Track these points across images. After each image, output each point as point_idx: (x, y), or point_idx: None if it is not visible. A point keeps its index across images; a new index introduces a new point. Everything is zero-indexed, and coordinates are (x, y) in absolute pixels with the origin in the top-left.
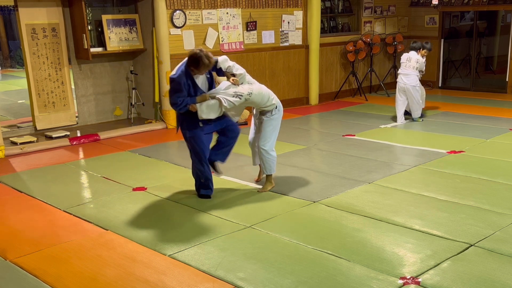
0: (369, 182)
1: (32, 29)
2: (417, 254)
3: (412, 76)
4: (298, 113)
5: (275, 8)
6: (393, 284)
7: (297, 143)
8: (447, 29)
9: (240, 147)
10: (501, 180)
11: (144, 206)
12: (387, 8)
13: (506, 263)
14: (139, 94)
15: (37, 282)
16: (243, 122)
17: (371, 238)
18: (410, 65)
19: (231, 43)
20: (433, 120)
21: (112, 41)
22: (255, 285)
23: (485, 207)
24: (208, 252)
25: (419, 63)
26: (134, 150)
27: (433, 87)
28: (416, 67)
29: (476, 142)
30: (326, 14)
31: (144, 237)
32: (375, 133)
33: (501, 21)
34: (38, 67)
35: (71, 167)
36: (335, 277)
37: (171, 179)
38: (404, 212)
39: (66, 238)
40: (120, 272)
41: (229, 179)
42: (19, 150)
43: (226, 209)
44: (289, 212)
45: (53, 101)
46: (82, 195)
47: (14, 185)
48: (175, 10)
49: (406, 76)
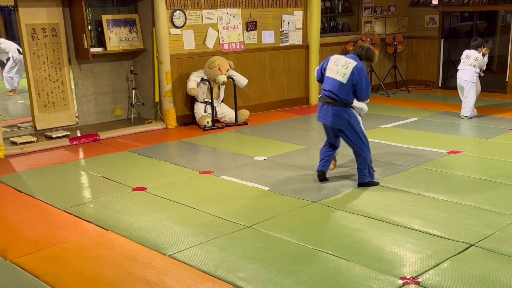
0: None
1: (32, 29)
2: (417, 254)
3: (467, 72)
4: (298, 113)
5: (275, 8)
6: (393, 284)
7: (297, 143)
8: (447, 29)
9: (240, 147)
10: (501, 180)
11: (144, 206)
12: (387, 8)
13: (506, 263)
14: (139, 94)
15: (37, 282)
16: (243, 122)
17: (371, 238)
18: (468, 61)
19: (231, 43)
20: (433, 120)
21: (112, 41)
22: (255, 285)
23: (485, 207)
24: (208, 252)
25: (477, 61)
26: (134, 150)
27: (433, 87)
28: (474, 64)
29: (476, 142)
30: (326, 14)
31: (144, 237)
32: (375, 133)
33: (501, 21)
34: (38, 67)
35: (71, 167)
36: (335, 277)
37: (171, 179)
38: (404, 212)
39: (66, 238)
40: (120, 272)
41: (229, 179)
42: (19, 150)
43: (226, 209)
44: (289, 212)
45: (53, 101)
46: (82, 195)
47: (14, 185)
48: (175, 10)
49: (462, 71)
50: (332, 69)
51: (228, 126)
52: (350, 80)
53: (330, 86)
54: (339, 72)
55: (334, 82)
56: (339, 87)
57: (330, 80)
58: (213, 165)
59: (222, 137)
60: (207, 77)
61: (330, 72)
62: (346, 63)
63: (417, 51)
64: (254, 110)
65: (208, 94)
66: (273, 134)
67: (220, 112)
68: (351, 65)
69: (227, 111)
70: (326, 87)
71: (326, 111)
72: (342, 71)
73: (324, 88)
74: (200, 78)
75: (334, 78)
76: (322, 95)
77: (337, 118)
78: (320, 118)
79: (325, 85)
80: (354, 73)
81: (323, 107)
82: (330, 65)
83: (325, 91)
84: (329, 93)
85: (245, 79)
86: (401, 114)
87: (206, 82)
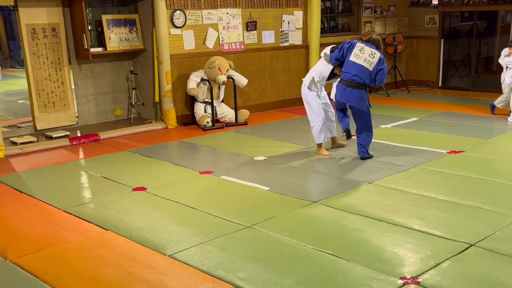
0: (369, 182)
1: (32, 29)
2: (417, 254)
3: None
4: (298, 113)
5: (275, 8)
6: (393, 284)
7: (297, 143)
8: (447, 29)
9: (240, 147)
10: (501, 180)
11: (144, 206)
12: (387, 8)
13: (506, 263)
14: (139, 94)
15: (37, 282)
16: (243, 122)
17: (371, 238)
18: None
19: (231, 43)
20: (433, 120)
21: (112, 41)
22: (255, 285)
23: (485, 207)
24: (208, 252)
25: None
26: (134, 150)
27: (433, 87)
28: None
29: (476, 142)
30: (326, 14)
31: (144, 237)
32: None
33: (501, 21)
34: (38, 67)
35: (71, 167)
36: (335, 277)
37: (171, 179)
38: (404, 212)
39: (66, 238)
40: (120, 272)
41: (229, 179)
42: (19, 150)
43: (226, 209)
44: (289, 212)
45: (53, 101)
46: (82, 195)
47: (14, 185)
48: (175, 10)
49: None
50: (360, 57)
51: (228, 126)
52: (375, 68)
53: (358, 71)
54: (366, 60)
55: (362, 69)
56: (366, 73)
57: (359, 66)
58: (213, 165)
59: (222, 137)
60: (207, 77)
61: (357, 59)
62: (372, 53)
63: (417, 51)
64: (254, 110)
65: (208, 94)
66: (273, 134)
67: (220, 112)
68: (377, 56)
69: (227, 111)
70: (352, 71)
71: (350, 93)
72: (369, 60)
73: (350, 72)
74: (200, 78)
75: (362, 65)
76: (346, 78)
77: (361, 100)
78: (343, 99)
79: (351, 69)
80: (380, 62)
81: (346, 89)
82: (355, 52)
83: (350, 74)
84: (355, 77)
85: (245, 79)
86: (401, 114)
87: (206, 82)
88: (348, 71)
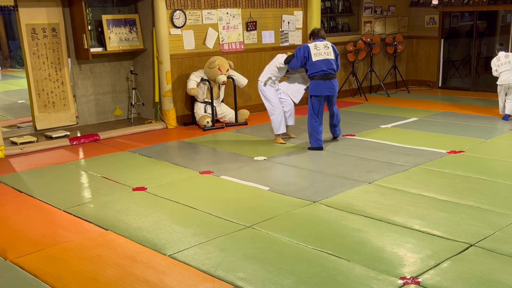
0: (369, 182)
1: (32, 29)
2: (417, 254)
3: None
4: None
5: (275, 8)
6: (393, 284)
7: (297, 143)
8: (447, 29)
9: (240, 147)
10: (501, 180)
11: (144, 206)
12: (387, 8)
13: (506, 263)
14: (139, 94)
15: (37, 282)
16: (243, 122)
17: (371, 238)
18: None
19: (231, 43)
20: (433, 120)
21: (112, 41)
22: (255, 285)
23: (485, 207)
24: (208, 252)
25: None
26: (134, 150)
27: (433, 87)
28: None
29: (476, 142)
30: (326, 14)
31: (144, 237)
32: (375, 133)
33: (501, 21)
34: (38, 67)
35: (71, 167)
36: (335, 277)
37: (171, 179)
38: (404, 212)
39: (66, 238)
40: (120, 272)
41: (229, 179)
42: (19, 150)
43: (226, 209)
44: (289, 212)
45: (53, 101)
46: (82, 195)
47: (14, 185)
48: (175, 10)
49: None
50: (319, 53)
51: (228, 126)
52: (335, 55)
53: (327, 65)
54: (326, 53)
55: (328, 62)
56: (332, 63)
57: (325, 61)
58: (213, 165)
59: (222, 137)
60: (207, 77)
61: (319, 56)
62: (325, 45)
63: (417, 51)
64: (254, 110)
65: (208, 94)
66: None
67: (220, 112)
68: (329, 44)
69: (227, 111)
70: (322, 67)
71: (330, 85)
72: (327, 51)
73: (322, 69)
74: (200, 78)
75: (326, 58)
76: (322, 73)
77: (337, 87)
78: (326, 91)
79: (320, 66)
80: (334, 48)
81: (326, 82)
82: (313, 52)
83: (324, 70)
84: (329, 70)
85: (245, 79)
86: (401, 114)
87: (206, 82)
88: (318, 69)
